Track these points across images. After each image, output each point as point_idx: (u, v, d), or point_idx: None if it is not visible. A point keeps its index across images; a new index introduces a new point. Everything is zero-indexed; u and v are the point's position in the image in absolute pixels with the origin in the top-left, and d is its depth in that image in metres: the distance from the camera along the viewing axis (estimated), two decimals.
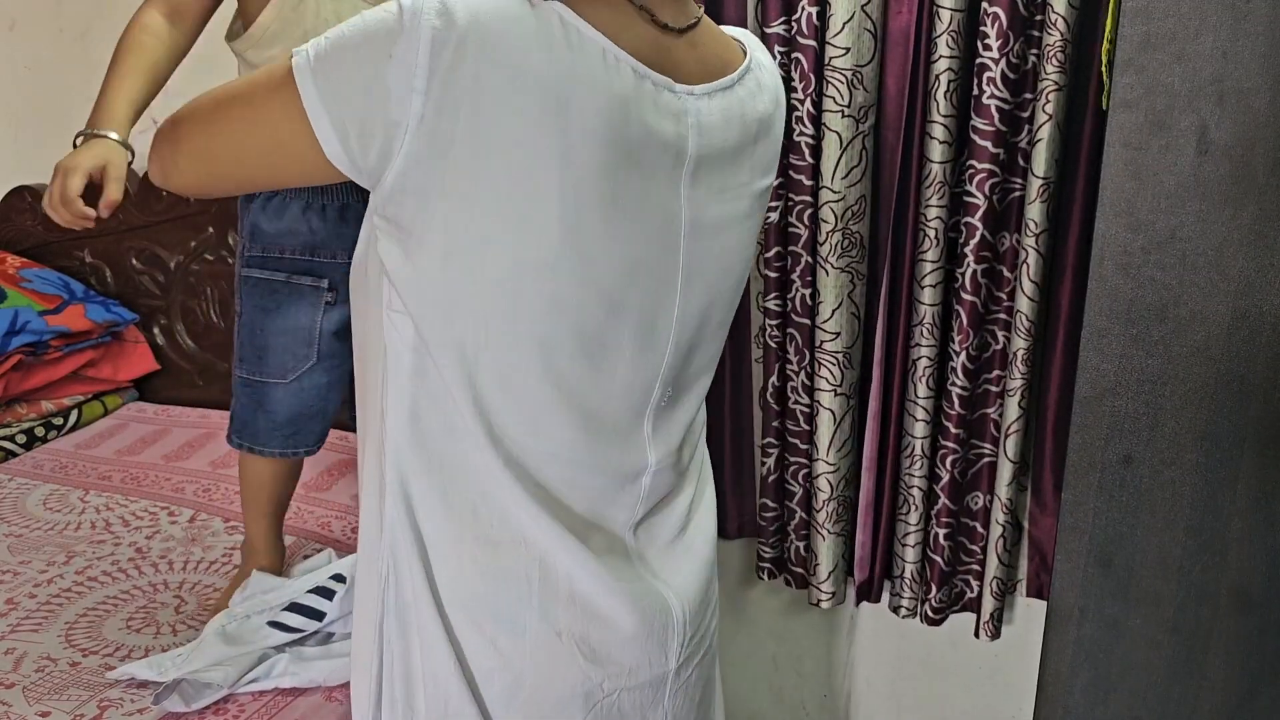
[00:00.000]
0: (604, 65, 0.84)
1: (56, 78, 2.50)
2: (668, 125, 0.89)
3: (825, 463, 1.83)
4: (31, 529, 1.87)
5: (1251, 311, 1.22)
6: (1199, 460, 1.29)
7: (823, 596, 1.91)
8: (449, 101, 0.80)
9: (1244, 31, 1.16)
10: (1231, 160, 1.20)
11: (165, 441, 2.23)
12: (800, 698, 2.18)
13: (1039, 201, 1.60)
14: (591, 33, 0.84)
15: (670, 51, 0.90)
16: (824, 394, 1.80)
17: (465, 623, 0.96)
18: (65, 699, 1.39)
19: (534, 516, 0.94)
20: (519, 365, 0.89)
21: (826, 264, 1.74)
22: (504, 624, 0.96)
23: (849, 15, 1.62)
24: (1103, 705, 1.40)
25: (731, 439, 1.97)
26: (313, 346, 1.51)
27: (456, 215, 0.83)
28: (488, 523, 0.94)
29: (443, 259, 0.85)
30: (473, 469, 0.92)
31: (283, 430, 1.54)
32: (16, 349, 2.20)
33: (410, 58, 0.79)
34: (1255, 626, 1.31)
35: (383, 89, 0.80)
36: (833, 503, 1.86)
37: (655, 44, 0.89)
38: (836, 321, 1.77)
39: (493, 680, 0.97)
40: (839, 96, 1.66)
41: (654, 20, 0.89)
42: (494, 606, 0.96)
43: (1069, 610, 1.39)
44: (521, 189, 0.83)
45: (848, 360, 1.80)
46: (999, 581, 1.80)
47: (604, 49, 0.84)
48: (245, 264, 1.51)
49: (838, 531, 1.88)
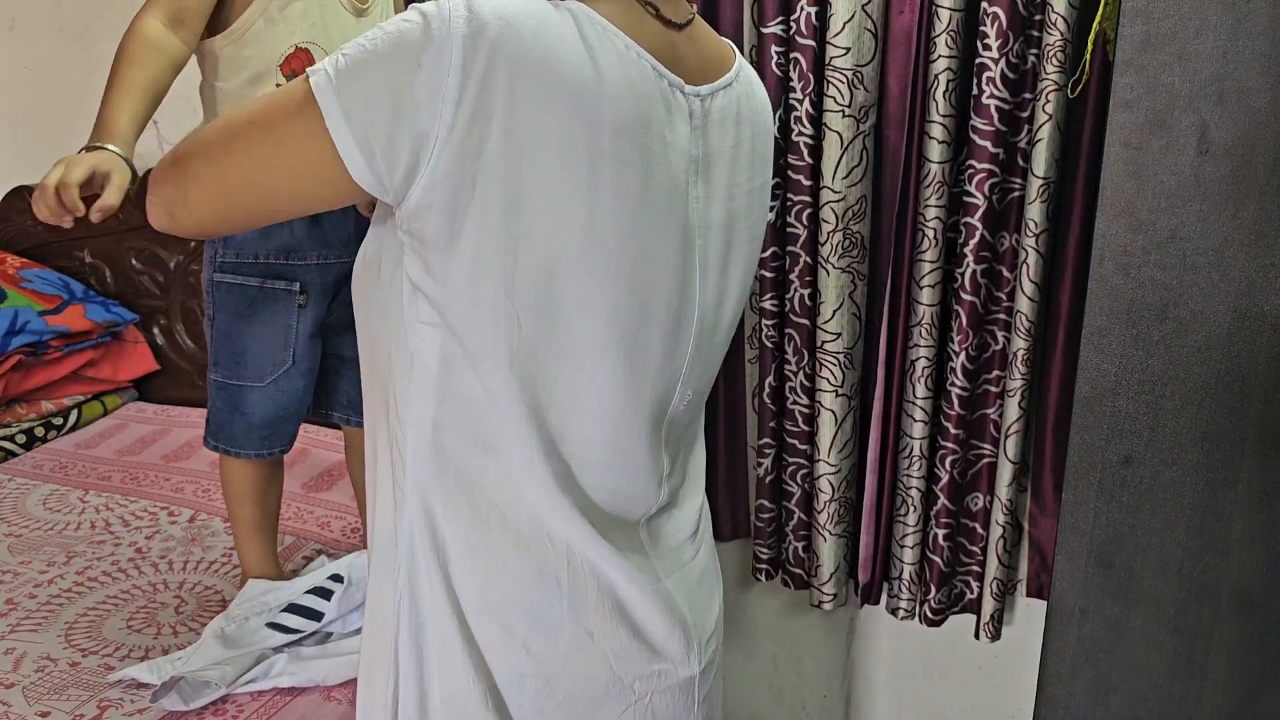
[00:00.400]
0: (627, 62, 0.84)
1: (56, 78, 2.50)
2: (681, 125, 0.90)
3: (827, 464, 1.83)
4: (31, 529, 1.87)
5: (1252, 311, 1.22)
6: (1200, 460, 1.28)
7: (825, 598, 1.91)
8: (482, 108, 0.79)
9: (1244, 31, 1.16)
10: (1232, 160, 1.19)
11: (165, 441, 2.23)
12: (800, 698, 2.18)
13: (1039, 201, 1.60)
14: (614, 30, 0.84)
15: (676, 48, 0.91)
16: (825, 395, 1.80)
17: (495, 629, 0.95)
18: (65, 699, 1.39)
19: (566, 519, 0.93)
20: (563, 369, 0.89)
21: (827, 264, 1.74)
22: (539, 626, 0.95)
23: (849, 15, 1.62)
24: (1103, 705, 1.40)
25: (726, 440, 1.97)
26: (289, 350, 1.52)
27: (487, 222, 0.82)
28: (516, 528, 0.93)
29: (472, 267, 0.84)
30: (506, 476, 0.91)
31: (259, 432, 1.54)
32: (16, 349, 2.20)
33: (442, 65, 0.78)
34: (1256, 627, 1.31)
35: (412, 101, 0.78)
36: (834, 504, 1.85)
37: (665, 40, 0.90)
38: (838, 322, 1.77)
39: (524, 686, 0.96)
40: (839, 96, 1.66)
41: (659, 15, 0.90)
42: (528, 608, 0.95)
43: (1069, 610, 1.39)
44: (551, 189, 0.82)
45: (849, 361, 1.79)
46: (999, 582, 1.80)
47: (626, 45, 0.85)
48: (218, 269, 1.50)
49: (839, 533, 1.88)
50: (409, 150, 0.80)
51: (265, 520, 1.63)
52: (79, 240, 2.46)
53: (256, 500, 1.60)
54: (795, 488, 1.91)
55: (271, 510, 1.64)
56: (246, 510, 1.60)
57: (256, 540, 1.62)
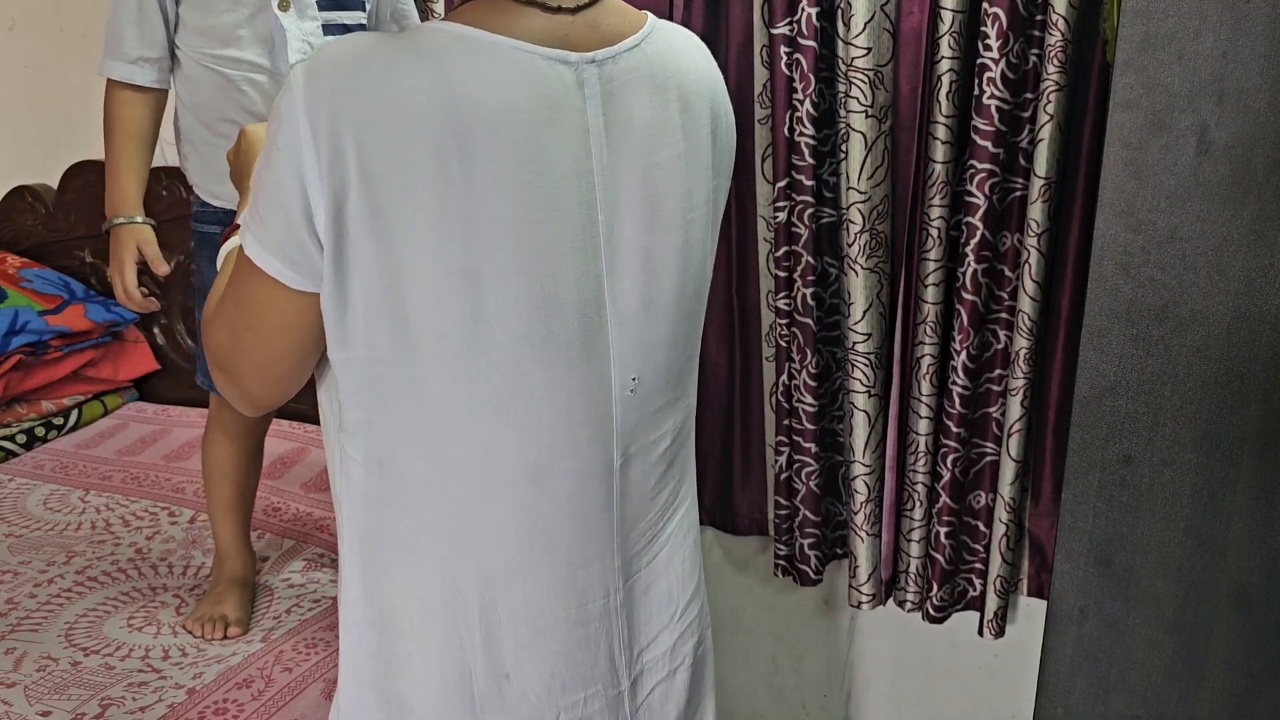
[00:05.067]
0: (483, 65, 0.83)
1: (56, 78, 2.50)
2: (567, 98, 0.86)
3: (862, 464, 1.82)
4: (31, 529, 1.87)
5: (1251, 311, 1.23)
6: (1199, 460, 1.29)
7: (864, 599, 1.90)
8: (339, 157, 0.80)
9: (1244, 31, 1.16)
10: (1231, 160, 1.20)
11: (165, 441, 2.23)
12: (800, 698, 2.18)
13: (1040, 201, 1.60)
14: (473, 33, 0.83)
15: (565, 32, 0.87)
16: (858, 395, 1.79)
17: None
18: (66, 698, 1.39)
19: (484, 553, 0.94)
20: (489, 379, 0.89)
21: (856, 265, 1.73)
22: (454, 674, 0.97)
23: (869, 15, 1.62)
24: (1103, 705, 1.40)
25: (741, 437, 1.97)
26: None
27: (375, 257, 0.84)
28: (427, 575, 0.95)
29: (365, 310, 0.86)
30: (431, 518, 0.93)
31: None
32: (16, 349, 2.20)
33: (294, 139, 0.81)
34: (1255, 626, 1.32)
35: (285, 188, 0.82)
36: (870, 504, 1.85)
37: (548, 29, 0.86)
38: (868, 323, 1.76)
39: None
40: (862, 97, 1.65)
41: (544, 6, 0.86)
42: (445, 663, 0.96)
43: (1069, 610, 1.39)
44: (419, 215, 0.83)
45: (878, 360, 1.79)
46: (1002, 580, 1.80)
47: (480, 45, 0.83)
48: (196, 219, 1.59)
49: (875, 533, 1.88)
50: (308, 231, 0.83)
51: (241, 502, 1.67)
52: (79, 240, 2.46)
53: (235, 481, 1.65)
54: (802, 485, 1.91)
55: (249, 492, 1.69)
56: (225, 490, 1.65)
57: (231, 520, 1.66)
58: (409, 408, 0.89)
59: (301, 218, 0.83)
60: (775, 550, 1.99)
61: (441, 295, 0.85)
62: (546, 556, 0.96)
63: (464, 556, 0.94)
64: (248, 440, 1.65)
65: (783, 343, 1.85)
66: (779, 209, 1.77)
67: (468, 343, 0.87)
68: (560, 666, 0.99)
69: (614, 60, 0.89)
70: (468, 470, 0.92)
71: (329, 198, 0.82)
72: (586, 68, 0.87)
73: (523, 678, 0.97)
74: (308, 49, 1.44)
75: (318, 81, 0.81)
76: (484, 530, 0.94)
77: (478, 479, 0.92)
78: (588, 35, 0.88)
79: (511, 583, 0.95)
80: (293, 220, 0.83)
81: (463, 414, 0.90)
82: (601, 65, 0.88)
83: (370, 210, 0.82)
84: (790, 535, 1.97)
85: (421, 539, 0.94)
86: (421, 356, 0.87)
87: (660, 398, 1.01)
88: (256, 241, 0.86)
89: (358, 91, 0.80)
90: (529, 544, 0.95)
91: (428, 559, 0.94)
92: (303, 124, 0.80)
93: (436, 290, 0.85)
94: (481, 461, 0.91)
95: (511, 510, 0.94)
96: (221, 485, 1.65)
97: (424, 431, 0.90)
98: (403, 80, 0.81)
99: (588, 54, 0.87)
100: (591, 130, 0.88)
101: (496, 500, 0.93)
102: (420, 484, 0.92)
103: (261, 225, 0.85)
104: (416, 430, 0.90)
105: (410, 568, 0.95)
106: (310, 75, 0.81)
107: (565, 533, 0.96)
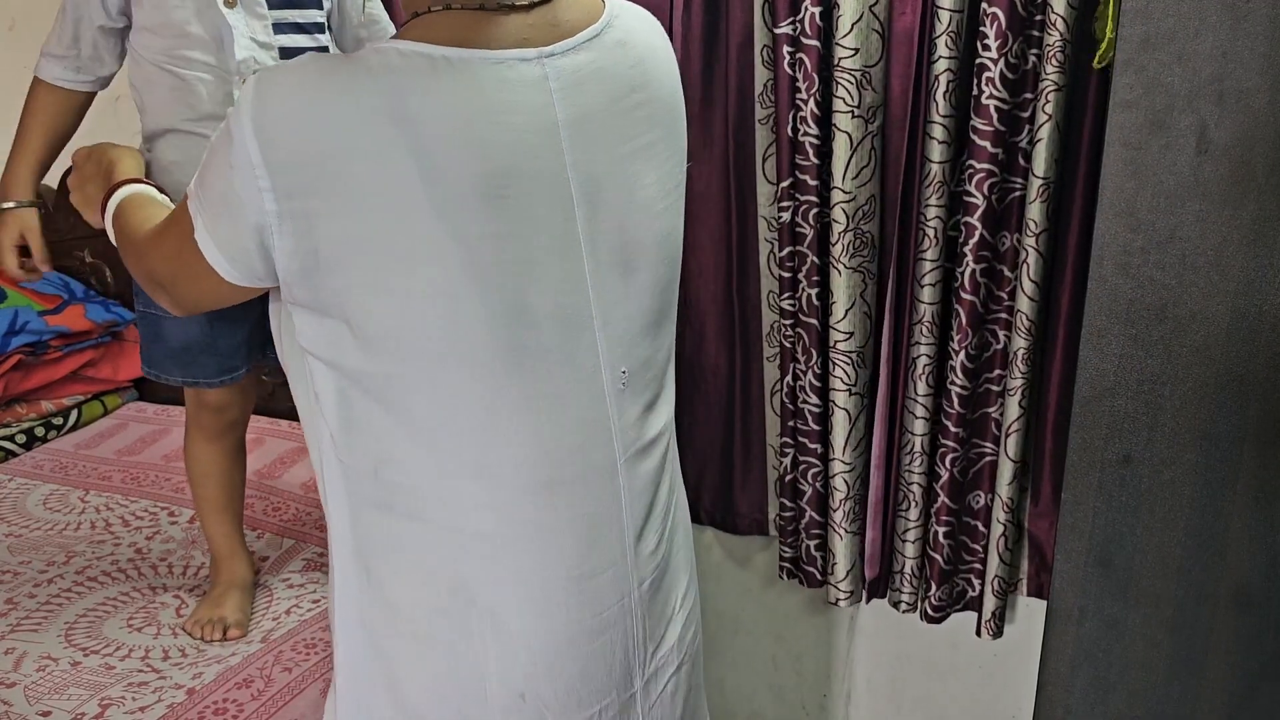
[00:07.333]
0: (439, 81, 0.82)
1: None
2: (529, 97, 0.86)
3: (842, 462, 1.83)
4: (31, 529, 1.87)
5: (1251, 311, 1.23)
6: (1199, 460, 1.29)
7: (841, 596, 1.91)
8: (296, 187, 0.81)
9: (1244, 31, 1.16)
10: (1231, 160, 1.20)
11: (165, 441, 2.23)
12: (800, 698, 2.18)
13: (1039, 201, 1.60)
14: (423, 48, 0.83)
15: (525, 35, 0.87)
16: (839, 394, 1.80)
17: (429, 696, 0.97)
18: (66, 698, 1.39)
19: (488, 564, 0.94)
20: (459, 390, 0.89)
21: (839, 264, 1.74)
22: (471, 687, 0.96)
23: (857, 15, 1.62)
24: (1103, 705, 1.40)
25: (742, 437, 1.97)
26: None
27: (344, 281, 0.85)
28: (436, 591, 0.95)
29: (349, 325, 0.87)
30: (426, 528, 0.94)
31: (179, 359, 1.56)
32: (16, 349, 2.20)
33: (245, 159, 0.81)
34: (1255, 626, 1.32)
35: (237, 200, 0.83)
36: (849, 502, 1.86)
37: (506, 32, 0.86)
38: (850, 321, 1.77)
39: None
40: (848, 97, 1.66)
41: (498, 8, 0.86)
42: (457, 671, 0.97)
43: (1069, 610, 1.39)
44: (394, 231, 0.83)
45: (861, 360, 1.80)
46: (1000, 580, 1.80)
47: (433, 61, 0.82)
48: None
49: (854, 530, 1.88)
50: (256, 243, 0.85)
51: (229, 501, 1.66)
52: (79, 240, 2.46)
53: (219, 481, 1.64)
54: (806, 486, 1.91)
55: (235, 492, 1.67)
56: (209, 490, 1.64)
57: (222, 519, 1.65)
58: (394, 420, 0.89)
59: (251, 232, 0.84)
60: (780, 552, 1.99)
61: (411, 316, 0.85)
62: (558, 570, 0.95)
63: (471, 569, 0.94)
64: (227, 440, 1.64)
65: (787, 343, 1.85)
66: (783, 209, 1.77)
67: (445, 361, 0.87)
68: (576, 683, 0.98)
69: (574, 51, 0.89)
70: (462, 483, 0.91)
71: (291, 222, 0.83)
72: (547, 61, 0.87)
73: (538, 698, 0.97)
74: (255, 47, 1.41)
75: (268, 107, 0.81)
76: (488, 545, 0.93)
77: (475, 492, 0.92)
78: (548, 33, 0.88)
79: (523, 602, 0.95)
80: (240, 232, 0.85)
81: (450, 430, 0.90)
82: (563, 57, 0.88)
83: (340, 235, 0.82)
84: (795, 537, 1.97)
85: (426, 554, 0.94)
86: (402, 374, 0.88)
87: (650, 389, 1.01)
88: (206, 230, 0.88)
89: (308, 120, 0.80)
90: (539, 559, 0.94)
91: (436, 571, 0.94)
92: (253, 150, 0.81)
93: (404, 312, 0.85)
94: (475, 475, 0.91)
95: (517, 524, 0.93)
96: (205, 486, 1.64)
97: (415, 443, 0.90)
98: (356, 103, 0.80)
99: (546, 48, 0.87)
100: (561, 124, 0.87)
101: (499, 515, 0.93)
102: (420, 490, 0.92)
103: (213, 219, 0.87)
104: (408, 442, 0.90)
105: (417, 575, 0.95)
106: (260, 99, 0.81)
107: (575, 543, 0.96)
